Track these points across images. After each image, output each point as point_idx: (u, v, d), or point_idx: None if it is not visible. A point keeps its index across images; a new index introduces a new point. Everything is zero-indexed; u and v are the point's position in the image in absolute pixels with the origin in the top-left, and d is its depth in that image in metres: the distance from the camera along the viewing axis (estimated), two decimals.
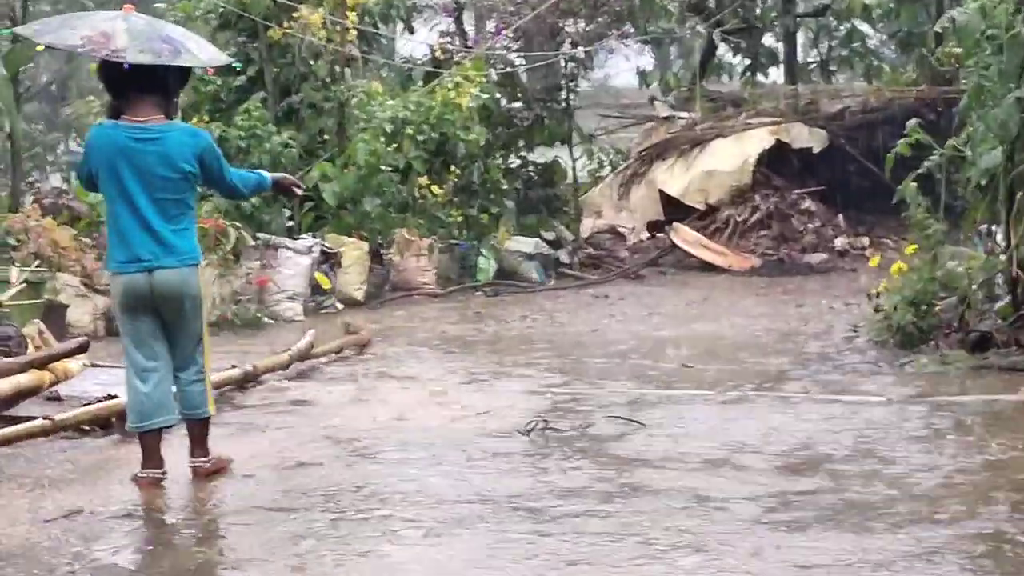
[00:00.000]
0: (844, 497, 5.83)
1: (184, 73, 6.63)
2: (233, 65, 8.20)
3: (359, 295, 15.12)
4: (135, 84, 6.30)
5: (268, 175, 6.95)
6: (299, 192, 7.37)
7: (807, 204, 19.90)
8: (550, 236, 19.03)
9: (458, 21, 21.45)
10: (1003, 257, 9.85)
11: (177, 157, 6.30)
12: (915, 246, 10.57)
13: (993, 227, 10.20)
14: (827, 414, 7.80)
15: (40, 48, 9.91)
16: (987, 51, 9.55)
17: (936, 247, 10.37)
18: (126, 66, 6.14)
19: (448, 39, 20.76)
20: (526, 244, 17.74)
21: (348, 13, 16.21)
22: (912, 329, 10.09)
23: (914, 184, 10.36)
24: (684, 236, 18.93)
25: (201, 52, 6.59)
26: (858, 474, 6.27)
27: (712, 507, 5.71)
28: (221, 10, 16.26)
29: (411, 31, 21.82)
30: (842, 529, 5.33)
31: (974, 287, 10.02)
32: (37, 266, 11.87)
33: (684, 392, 8.77)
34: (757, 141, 19.96)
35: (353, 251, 15.18)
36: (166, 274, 6.29)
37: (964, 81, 10.37)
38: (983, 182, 9.79)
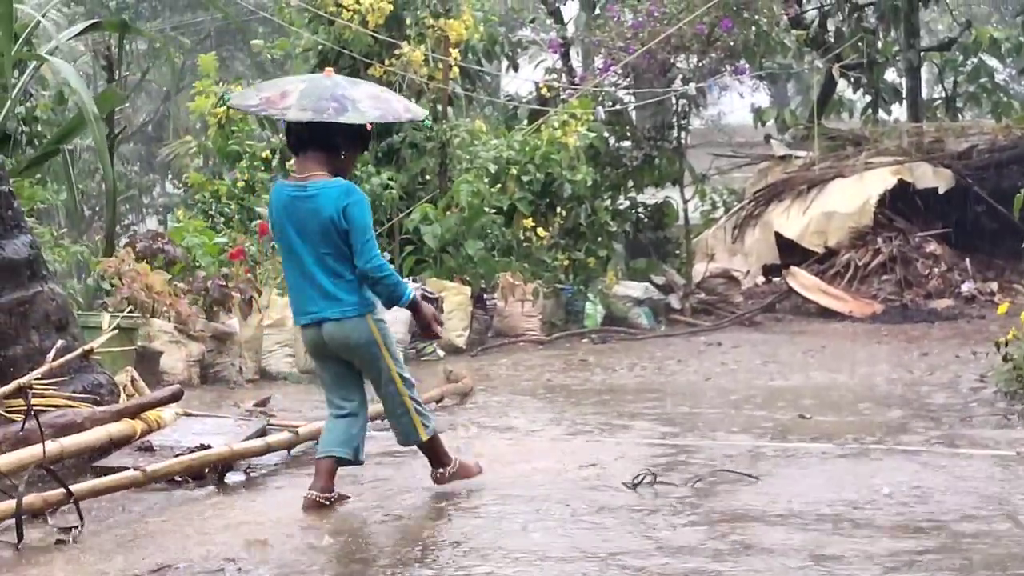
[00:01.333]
0: (968, 557, 5.51)
1: (358, 131, 6.80)
2: (423, 122, 7.82)
3: (461, 342, 14.83)
4: (300, 142, 6.72)
5: (410, 289, 6.83)
6: (438, 333, 7.25)
7: (932, 247, 19.43)
8: (660, 280, 18.66)
9: (565, 57, 21.21)
10: None
11: (327, 212, 6.56)
12: None
13: None
14: (951, 469, 7.44)
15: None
16: None
17: None
18: (280, 123, 6.39)
19: (554, 76, 20.50)
20: (635, 289, 17.39)
21: (451, 50, 16.05)
22: None
23: None
24: (801, 280, 18.48)
25: (375, 109, 6.76)
26: (984, 533, 5.93)
27: (829, 567, 5.40)
28: (320, 47, 16.08)
29: (515, 68, 21.60)
30: None
31: None
32: (130, 311, 11.67)
33: (800, 444, 8.40)
34: (879, 181, 19.54)
35: (455, 296, 14.90)
36: (331, 326, 6.68)
37: None
38: None
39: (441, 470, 7.04)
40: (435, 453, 7.06)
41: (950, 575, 5.26)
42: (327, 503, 6.67)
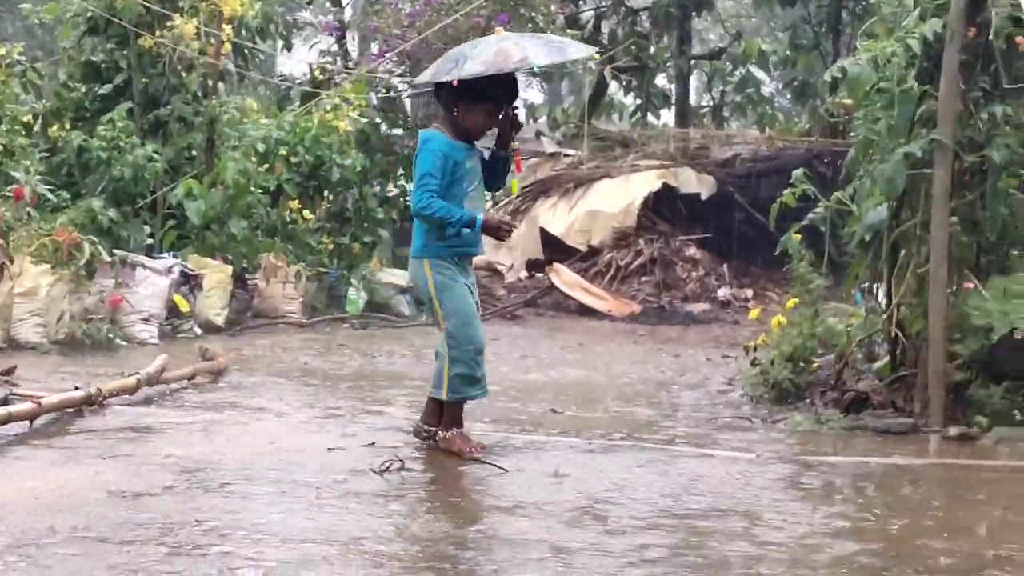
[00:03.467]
0: (704, 554, 5.61)
1: (452, 88, 7.33)
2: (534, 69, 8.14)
3: (219, 320, 14.56)
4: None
5: (470, 212, 7.38)
6: (509, 233, 7.71)
7: (692, 251, 19.74)
8: None
9: (341, 41, 21.03)
10: (883, 316, 9.60)
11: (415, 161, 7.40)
12: (796, 300, 10.37)
13: (875, 285, 9.97)
14: (694, 468, 7.57)
15: None
16: (877, 104, 9.34)
17: (817, 302, 10.17)
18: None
19: (329, 59, 20.32)
20: (399, 277, 17.27)
21: (224, 25, 15.75)
22: (788, 385, 9.85)
23: (798, 236, 10.13)
24: (564, 277, 18.63)
25: (480, 65, 7.18)
26: (721, 531, 6.06)
27: (568, 559, 5.46)
28: (90, 14, 15.66)
29: (289, 48, 21.36)
30: None
31: (852, 345, 9.79)
32: None
33: (550, 438, 8.46)
34: (644, 183, 19.78)
35: (216, 274, 14.62)
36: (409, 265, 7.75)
37: (853, 134, 10.17)
38: (867, 238, 9.57)
39: (441, 433, 7.56)
40: (447, 415, 7.59)
41: (686, 572, 5.34)
42: (422, 437, 7.72)
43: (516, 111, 7.58)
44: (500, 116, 7.46)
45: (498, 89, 7.38)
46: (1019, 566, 5.53)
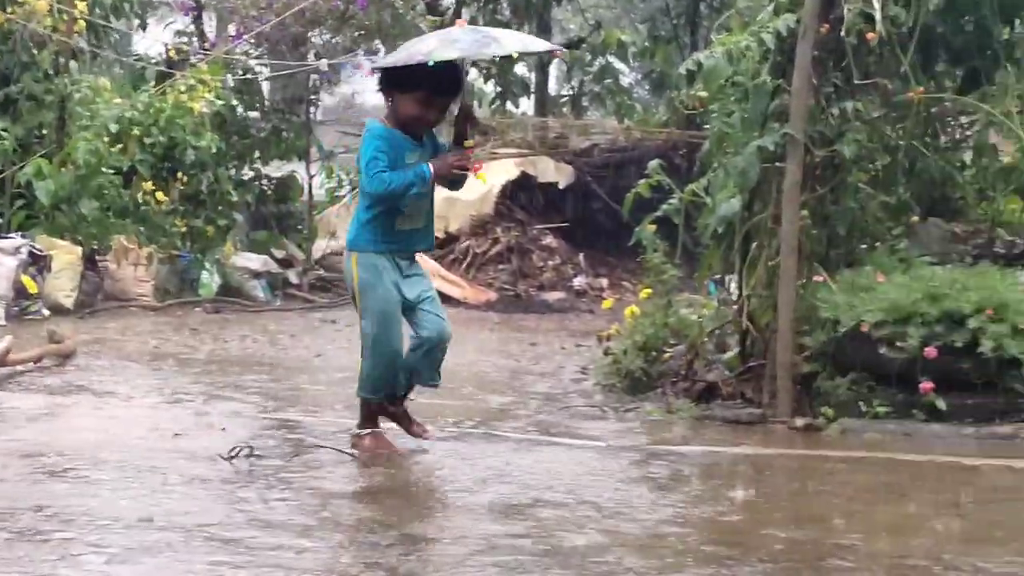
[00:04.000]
0: (551, 543, 5.63)
1: (391, 76, 7.25)
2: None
3: (69, 302, 14.31)
4: None
5: (420, 168, 7.12)
6: (466, 167, 7.32)
7: (549, 240, 19.75)
8: (280, 254, 18.41)
9: (197, 21, 20.69)
10: (734, 308, 9.72)
11: None
12: (649, 290, 10.43)
13: (728, 277, 10.09)
14: (544, 456, 7.64)
15: None
16: (731, 97, 9.47)
17: (670, 293, 10.25)
18: None
19: (185, 40, 20.03)
20: (254, 261, 17.10)
21: (77, 3, 15.47)
22: (640, 375, 9.90)
23: (653, 227, 10.19)
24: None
25: (398, 56, 7.41)
26: (568, 520, 6.10)
27: (416, 547, 5.50)
28: None
29: (144, 27, 20.99)
30: (551, 572, 5.18)
31: (704, 336, 9.88)
32: None
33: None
34: (502, 172, 19.70)
35: (65, 255, 14.38)
36: None
37: (708, 126, 10.28)
38: (720, 230, 9.68)
39: (358, 432, 7.46)
40: (361, 413, 7.51)
41: (533, 559, 5.36)
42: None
43: (469, 105, 7.45)
44: (440, 107, 7.27)
45: (428, 78, 7.00)
46: (862, 555, 5.64)
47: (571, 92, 26.70)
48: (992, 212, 11.61)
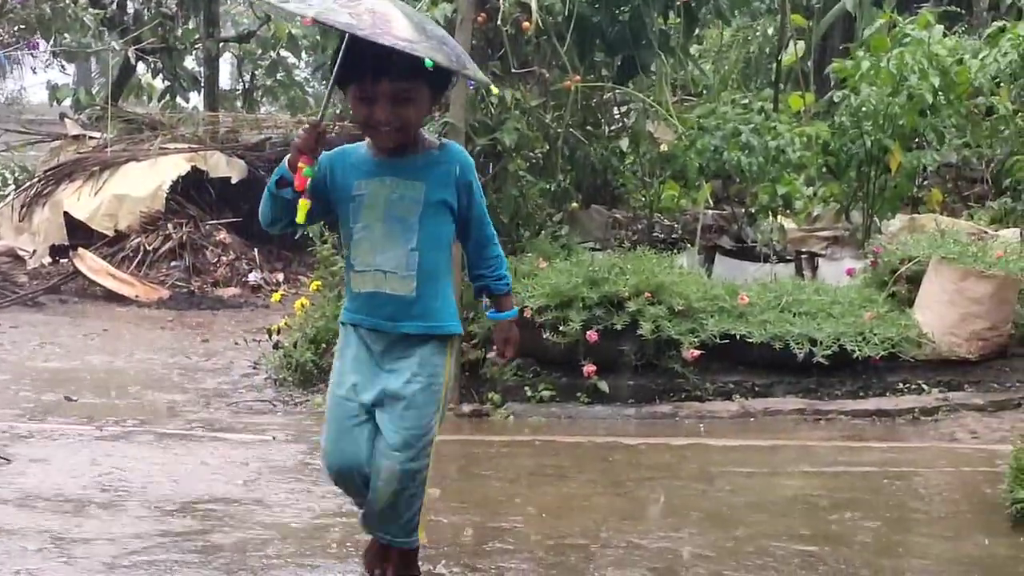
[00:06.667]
0: (213, 538, 5.64)
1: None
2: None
3: None
4: None
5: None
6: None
7: (222, 236, 19.46)
8: None
9: None
10: None
11: None
12: (319, 282, 10.39)
13: None
14: (209, 453, 7.58)
15: None
16: None
17: (340, 285, 10.19)
18: None
19: None
20: None
21: None
22: (311, 367, 9.93)
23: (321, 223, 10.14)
24: (89, 263, 18.02)
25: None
26: (231, 515, 6.10)
27: (68, 548, 5.42)
28: None
29: None
30: (207, 569, 5.18)
31: None
32: None
33: (59, 426, 8.25)
34: (172, 167, 19.34)
35: None
36: None
37: None
38: None
39: None
40: None
41: (195, 556, 5.33)
42: None
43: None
44: (387, 98, 4.86)
45: (345, 65, 5.02)
46: (520, 537, 5.77)
47: (243, 86, 26.41)
48: (651, 198, 11.97)
